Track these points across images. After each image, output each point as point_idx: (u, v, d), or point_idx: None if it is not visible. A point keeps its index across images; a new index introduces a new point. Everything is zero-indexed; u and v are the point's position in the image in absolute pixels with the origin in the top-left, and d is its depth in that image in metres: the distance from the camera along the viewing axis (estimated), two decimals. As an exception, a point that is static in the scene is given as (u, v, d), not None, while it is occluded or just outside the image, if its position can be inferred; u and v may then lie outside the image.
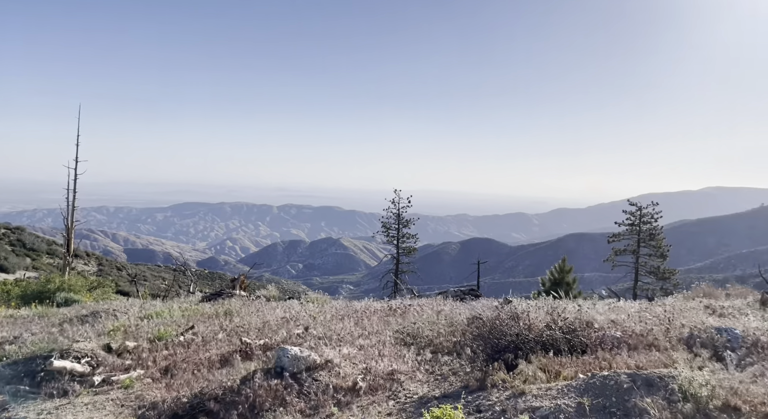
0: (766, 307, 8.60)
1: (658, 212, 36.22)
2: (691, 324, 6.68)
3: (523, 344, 6.46)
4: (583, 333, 6.74)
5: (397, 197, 36.77)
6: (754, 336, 5.92)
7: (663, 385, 4.38)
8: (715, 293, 12.42)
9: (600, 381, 4.63)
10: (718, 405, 4.02)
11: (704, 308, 8.76)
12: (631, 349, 6.15)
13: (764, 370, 4.79)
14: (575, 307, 8.37)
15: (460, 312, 9.04)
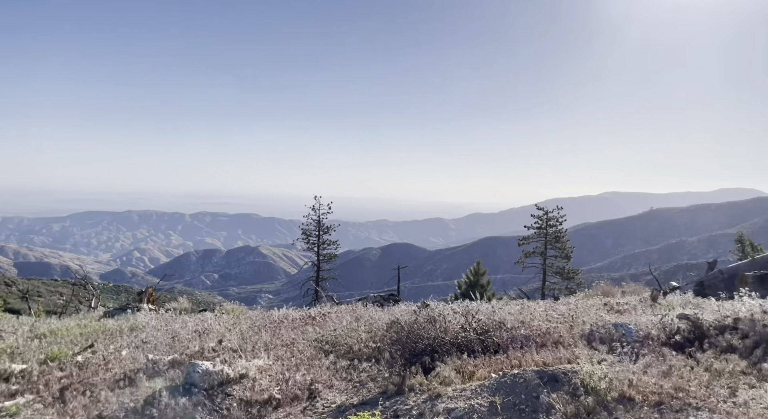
0: (655, 303, 9.40)
1: (562, 216, 38.61)
2: (591, 321, 7.15)
3: (440, 347, 6.59)
4: (495, 334, 6.99)
5: (317, 204, 36.46)
6: (646, 329, 6.44)
7: (567, 380, 4.62)
8: (612, 291, 13.43)
9: (510, 379, 4.81)
10: (615, 397, 4.31)
11: (603, 305, 9.42)
12: (539, 347, 6.46)
13: (654, 361, 5.21)
14: (488, 308, 8.67)
15: (379, 317, 9.06)
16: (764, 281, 10.44)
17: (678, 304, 8.87)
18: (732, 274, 12.24)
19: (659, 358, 5.36)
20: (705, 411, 4.04)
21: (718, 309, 7.34)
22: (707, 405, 4.13)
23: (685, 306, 8.54)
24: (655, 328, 6.49)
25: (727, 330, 6.22)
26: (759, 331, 5.95)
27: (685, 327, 6.41)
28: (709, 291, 11.69)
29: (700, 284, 12.87)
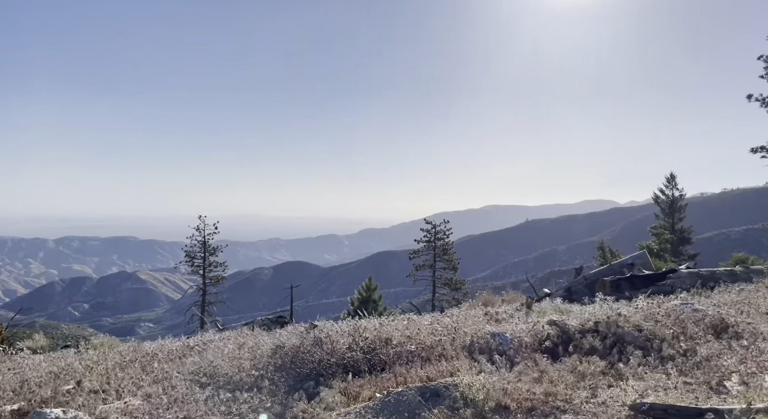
0: (530, 310, 10.04)
1: (449, 229, 40.32)
2: (472, 332, 7.41)
3: (325, 369, 6.41)
4: (382, 351, 6.97)
5: (202, 224, 34.55)
6: (520, 337, 6.80)
7: (448, 394, 4.69)
8: (493, 300, 14.16)
9: (395, 398, 4.77)
10: (493, 406, 4.45)
11: (484, 315, 9.85)
12: (424, 361, 6.54)
13: (527, 368, 5.49)
14: (376, 325, 8.67)
15: (264, 342, 8.66)
16: (619, 285, 11.65)
17: (549, 310, 9.53)
18: (594, 280, 13.50)
19: (532, 364, 5.67)
20: (570, 413, 4.30)
21: (581, 313, 7.98)
22: (572, 407, 4.40)
23: (555, 312, 9.19)
24: (528, 335, 6.88)
25: (589, 332, 6.76)
26: (615, 332, 6.55)
27: (554, 332, 6.87)
28: (576, 296, 12.77)
29: (567, 290, 14.03)
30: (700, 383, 5.06)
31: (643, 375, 5.33)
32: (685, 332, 6.62)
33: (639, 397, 4.49)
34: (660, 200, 36.86)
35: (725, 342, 6.25)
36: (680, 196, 36.32)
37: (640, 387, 4.82)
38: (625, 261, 14.61)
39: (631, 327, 6.93)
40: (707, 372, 5.26)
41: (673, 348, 6.08)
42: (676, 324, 6.91)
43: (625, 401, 4.35)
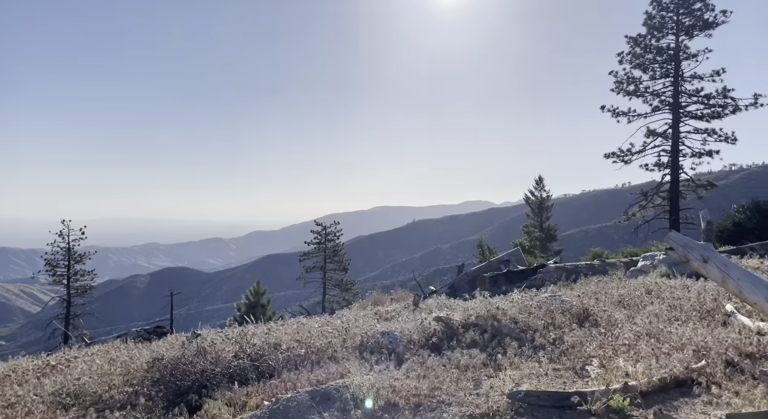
0: (417, 307, 10.37)
1: (339, 230, 40.46)
2: (362, 332, 7.47)
3: (210, 380, 6.07)
4: (270, 357, 6.77)
5: (66, 228, 31.13)
6: (409, 335, 6.99)
7: (338, 396, 4.67)
8: (382, 299, 14.43)
9: (283, 405, 4.64)
10: (382, 405, 4.50)
11: (374, 314, 9.99)
12: (315, 365, 6.46)
13: (414, 364, 5.65)
14: (264, 330, 8.41)
15: (140, 355, 7.99)
16: (497, 281, 12.48)
17: (435, 307, 9.91)
18: (474, 276, 14.32)
19: (419, 361, 5.84)
20: (455, 405, 4.49)
21: (464, 308, 8.40)
22: (457, 400, 4.60)
23: (440, 308, 9.58)
24: (416, 332, 7.09)
25: (471, 327, 7.14)
26: (493, 325, 6.99)
27: (439, 328, 7.15)
28: (459, 292, 13.45)
29: (451, 286, 14.74)
30: (567, 368, 5.56)
31: (519, 365, 5.73)
32: (554, 322, 7.24)
33: (515, 386, 4.81)
34: (530, 201, 40.21)
35: (587, 329, 6.93)
36: (547, 197, 39.92)
37: (516, 376, 5.17)
38: (501, 258, 15.69)
39: (508, 320, 7.44)
40: (572, 359, 5.79)
41: (545, 338, 6.61)
42: (547, 315, 7.53)
43: (504, 390, 4.63)
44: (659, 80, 27.35)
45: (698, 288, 8.57)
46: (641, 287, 9.67)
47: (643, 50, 27.28)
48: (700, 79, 26.39)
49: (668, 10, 26.69)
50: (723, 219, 25.42)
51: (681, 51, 26.71)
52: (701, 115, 26.55)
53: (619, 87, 27.95)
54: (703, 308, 7.31)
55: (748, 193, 59.94)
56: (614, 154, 28.68)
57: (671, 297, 8.39)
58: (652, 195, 28.82)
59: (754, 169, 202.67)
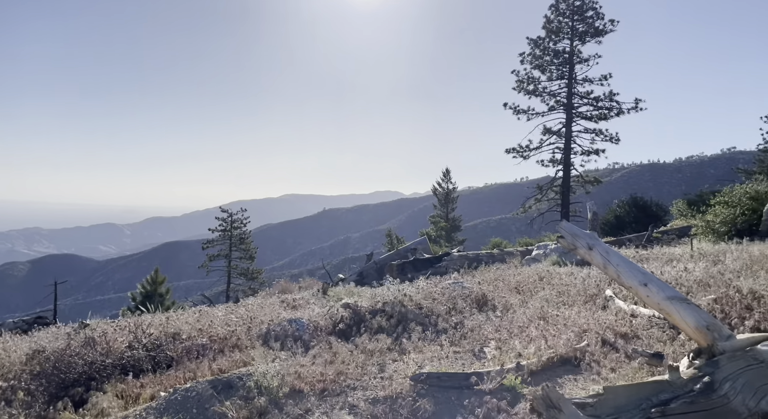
0: (326, 295, 10.37)
1: (246, 217, 39.26)
2: (268, 320, 7.33)
3: (99, 372, 5.66)
4: (168, 347, 6.45)
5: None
6: (316, 322, 6.98)
7: (242, 385, 4.56)
8: (290, 287, 14.25)
9: (182, 395, 4.45)
10: (287, 392, 4.46)
11: (281, 302, 9.85)
12: (218, 354, 6.25)
13: (321, 351, 5.66)
14: (162, 320, 7.98)
15: (17, 348, 7.26)
16: (404, 268, 12.80)
17: (343, 294, 9.97)
18: (383, 264, 14.58)
19: (326, 347, 5.86)
20: (360, 389, 4.56)
21: (372, 295, 8.53)
22: (362, 384, 4.67)
23: (349, 295, 9.65)
24: (323, 319, 7.09)
25: (378, 313, 7.27)
26: (400, 311, 7.17)
27: (347, 314, 7.21)
28: (367, 280, 13.64)
29: (360, 274, 14.89)
30: (466, 351, 5.84)
31: (423, 348, 5.93)
32: (455, 307, 7.57)
33: (418, 368, 4.98)
34: (437, 192, 41.59)
35: (485, 314, 7.33)
36: (453, 188, 41.49)
37: (419, 359, 5.35)
38: (408, 247, 16.10)
39: (414, 305, 7.67)
40: (472, 341, 6.10)
41: (447, 322, 6.90)
42: (449, 301, 7.86)
43: (407, 373, 4.77)
44: (555, 81, 29.38)
45: (583, 276, 9.36)
46: (535, 274, 10.37)
47: (542, 52, 29.12)
48: (591, 82, 28.69)
49: (564, 15, 28.66)
50: (606, 213, 27.95)
51: (575, 55, 28.84)
52: (590, 116, 28.91)
53: (520, 86, 29.64)
54: (587, 293, 8.01)
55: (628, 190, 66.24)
56: (514, 150, 30.42)
57: (560, 283, 9.09)
58: (547, 189, 30.98)
59: (633, 168, 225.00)
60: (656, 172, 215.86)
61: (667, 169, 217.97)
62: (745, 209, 13.56)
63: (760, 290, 6.25)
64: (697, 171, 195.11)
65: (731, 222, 13.64)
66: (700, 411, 2.57)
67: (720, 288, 6.68)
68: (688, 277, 7.59)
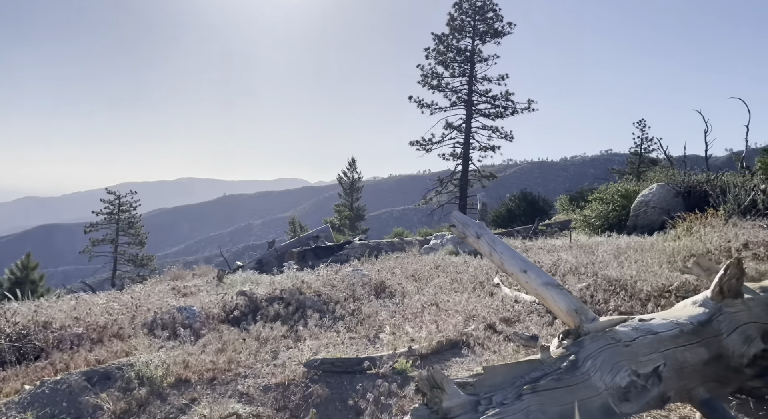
0: (221, 282, 10.00)
1: (137, 200, 36.72)
2: (156, 308, 6.93)
3: (-50, 368, 5.01)
4: (38, 337, 5.87)
5: None
6: (208, 310, 6.71)
7: (121, 375, 4.27)
8: (183, 274, 13.57)
9: (50, 387, 4.07)
10: (172, 382, 4.25)
11: (171, 290, 9.35)
12: (95, 344, 5.80)
13: (212, 339, 5.45)
14: (32, 308, 7.23)
15: None
16: (305, 256, 12.70)
17: (240, 282, 9.68)
18: (284, 251, 14.35)
19: (218, 335, 5.66)
20: (251, 377, 4.46)
21: (271, 283, 8.37)
22: (254, 372, 4.58)
23: (246, 283, 9.39)
24: (216, 307, 6.84)
25: (275, 300, 7.15)
26: (298, 299, 7.11)
27: (242, 302, 7.01)
28: (267, 268, 13.35)
29: (259, 262, 14.54)
30: (362, 337, 5.94)
31: (319, 335, 5.94)
32: (354, 295, 7.65)
33: (313, 355, 4.97)
34: (343, 181, 41.66)
35: (383, 300, 7.49)
36: (358, 178, 41.79)
37: (314, 346, 5.34)
38: (311, 235, 15.99)
39: (312, 293, 7.64)
40: (368, 327, 6.20)
41: (345, 309, 6.96)
42: (348, 288, 7.92)
43: (301, 359, 4.75)
44: (458, 78, 30.57)
45: (475, 264, 9.88)
46: (431, 263, 10.77)
47: (445, 48, 30.13)
48: (490, 81, 30.22)
49: (467, 14, 29.86)
50: (499, 206, 29.71)
51: (476, 54, 30.18)
52: (488, 114, 30.48)
53: (425, 80, 30.48)
54: (477, 281, 8.48)
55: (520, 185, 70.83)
56: (418, 143, 31.27)
57: (454, 271, 9.52)
58: (447, 182, 32.24)
59: (525, 165, 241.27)
60: (545, 170, 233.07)
61: (554, 167, 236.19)
62: (617, 205, 15.07)
63: (623, 278, 6.99)
64: (580, 170, 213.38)
65: (605, 217, 15.10)
66: (564, 386, 2.82)
67: (591, 276, 7.38)
68: (564, 266, 8.30)
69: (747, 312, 3.50)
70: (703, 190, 12.24)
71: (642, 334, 3.18)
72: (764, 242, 8.05)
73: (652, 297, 6.32)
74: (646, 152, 39.90)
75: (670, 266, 7.48)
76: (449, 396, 2.71)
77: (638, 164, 38.66)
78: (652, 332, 3.22)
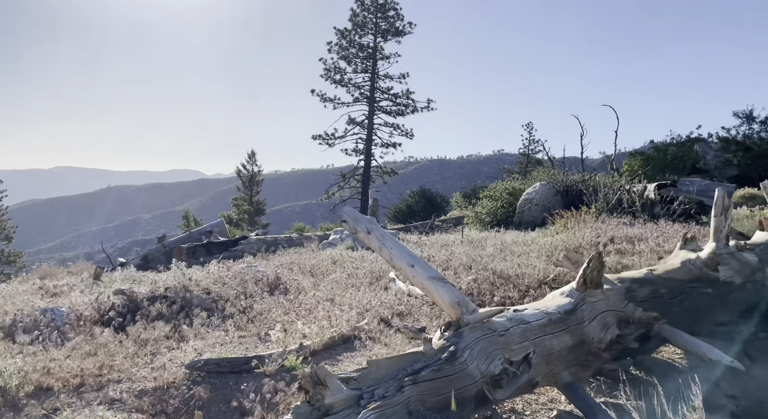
0: (98, 281, 9.20)
1: (2, 191, 33.03)
2: (16, 309, 6.20)
3: None
4: None
5: None
6: (79, 311, 6.13)
7: (-34, 389, 3.76)
8: (55, 272, 12.30)
9: None
10: (31, 391, 3.83)
11: (38, 289, 8.44)
12: (-62, 354, 5.05)
13: (82, 342, 4.99)
14: None
15: None
16: (196, 252, 12.07)
17: (120, 280, 8.98)
18: (172, 247, 13.53)
19: (89, 338, 5.18)
20: (126, 382, 4.14)
21: (154, 280, 7.84)
22: (129, 376, 4.26)
23: (127, 281, 8.73)
24: (89, 308, 6.27)
25: (158, 299, 6.71)
26: (184, 297, 6.73)
27: (120, 302, 6.49)
28: (153, 264, 12.51)
29: (145, 258, 13.59)
30: (252, 335, 5.76)
31: (206, 335, 5.67)
32: (246, 291, 7.40)
33: (197, 355, 4.73)
34: (242, 174, 40.25)
35: (277, 297, 7.33)
36: (258, 171, 40.60)
37: (200, 346, 5.09)
38: (203, 229, 15.25)
39: (201, 290, 7.28)
40: (259, 325, 6.03)
41: (235, 307, 6.71)
42: (240, 285, 7.65)
43: (184, 361, 4.50)
44: (360, 74, 30.78)
45: (371, 259, 10.00)
46: (329, 258, 10.73)
47: (348, 44, 30.22)
48: (391, 79, 30.79)
49: (369, 11, 30.17)
50: (399, 202, 30.40)
51: (378, 51, 30.59)
52: (390, 111, 31.06)
53: (328, 74, 30.35)
54: (373, 275, 8.58)
55: (420, 182, 72.94)
56: (320, 137, 31.07)
57: (351, 266, 9.56)
58: (349, 177, 32.39)
59: (425, 162, 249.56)
60: (443, 167, 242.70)
61: (452, 165, 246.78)
62: (505, 203, 16.04)
63: (507, 271, 7.45)
64: (475, 168, 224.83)
65: (494, 214, 16.00)
66: (443, 377, 2.92)
67: (479, 270, 7.77)
68: (456, 260, 8.66)
69: (606, 301, 3.87)
70: (579, 189, 13.39)
71: (515, 324, 3.39)
72: (627, 237, 8.98)
73: (531, 288, 6.79)
74: (533, 153, 43.00)
75: (548, 259, 8.09)
76: (332, 392, 2.70)
77: (526, 164, 41.52)
78: (524, 322, 3.44)
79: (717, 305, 4.68)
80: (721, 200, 5.03)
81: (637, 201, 11.12)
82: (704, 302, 4.56)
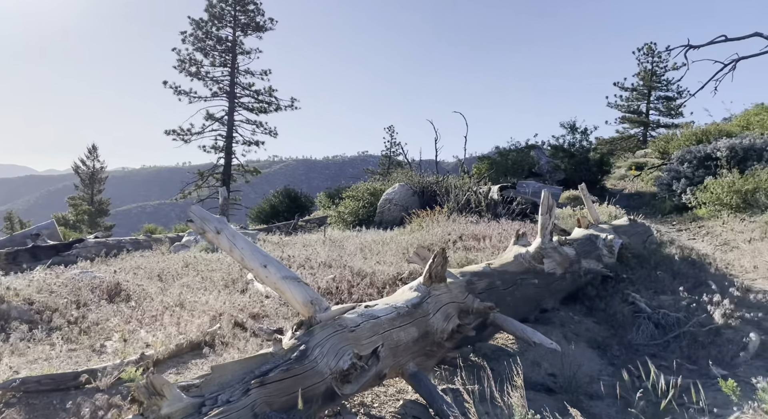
0: None
1: None
2: None
3: None
4: None
5: None
6: None
7: None
8: None
9: None
10: None
11: None
12: None
13: None
14: None
15: None
16: (17, 257, 10.50)
17: None
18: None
19: None
20: None
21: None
22: None
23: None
24: None
25: (-36, 313, 5.71)
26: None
27: None
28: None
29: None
30: (85, 347, 5.17)
31: (26, 351, 4.96)
32: (79, 300, 6.63)
33: (14, 374, 4.13)
34: (80, 171, 36.04)
35: (117, 305, 6.66)
36: (101, 168, 36.68)
37: (17, 363, 4.44)
38: (29, 232, 13.34)
39: (22, 300, 6.35)
40: (93, 336, 5.44)
41: (65, 318, 5.97)
42: (73, 293, 6.83)
43: (-4, 382, 3.88)
44: (219, 68, 29.41)
45: (229, 261, 9.57)
46: (181, 261, 10.04)
47: (204, 35, 28.67)
48: (253, 75, 29.88)
49: (227, 3, 28.98)
50: (262, 202, 29.57)
51: (237, 45, 29.50)
52: (252, 108, 30.11)
53: (182, 66, 28.49)
54: (230, 278, 8.21)
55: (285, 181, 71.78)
56: (175, 132, 29.03)
57: (206, 269, 9.05)
58: (208, 176, 30.72)
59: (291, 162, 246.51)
60: (309, 167, 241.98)
61: (318, 165, 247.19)
62: (366, 203, 16.46)
63: (365, 268, 7.64)
64: (340, 169, 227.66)
65: (356, 214, 16.33)
66: (292, 376, 2.89)
67: (338, 268, 7.86)
68: (316, 259, 8.66)
69: (449, 294, 4.15)
70: (433, 190, 14.22)
71: (366, 319, 3.48)
72: (474, 235, 9.74)
73: (387, 285, 7.05)
74: (395, 155, 44.77)
75: (404, 257, 8.46)
76: (170, 401, 2.52)
77: (388, 165, 43.08)
78: (374, 317, 3.54)
79: (543, 294, 5.28)
80: (547, 200, 5.68)
81: (483, 201, 12.14)
82: (532, 291, 5.11)
